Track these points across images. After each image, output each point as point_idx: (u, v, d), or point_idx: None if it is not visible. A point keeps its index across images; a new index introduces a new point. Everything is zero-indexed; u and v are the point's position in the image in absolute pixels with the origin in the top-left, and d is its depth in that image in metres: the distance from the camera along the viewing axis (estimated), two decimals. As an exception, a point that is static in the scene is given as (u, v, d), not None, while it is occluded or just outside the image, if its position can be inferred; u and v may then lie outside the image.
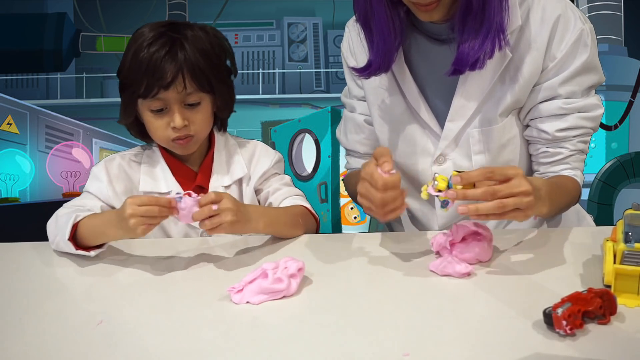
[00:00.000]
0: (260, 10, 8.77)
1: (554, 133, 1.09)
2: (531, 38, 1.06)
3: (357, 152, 1.28)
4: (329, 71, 8.70)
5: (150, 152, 1.19)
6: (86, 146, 6.61)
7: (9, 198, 5.25)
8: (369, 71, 1.10)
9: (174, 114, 1.08)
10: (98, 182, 1.15)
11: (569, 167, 1.12)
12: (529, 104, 1.11)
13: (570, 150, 1.11)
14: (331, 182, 2.72)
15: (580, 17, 1.08)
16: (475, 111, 1.10)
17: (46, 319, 0.81)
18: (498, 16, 0.99)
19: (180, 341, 0.74)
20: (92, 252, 1.00)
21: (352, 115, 1.26)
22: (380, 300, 0.83)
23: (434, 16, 1.00)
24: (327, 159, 2.70)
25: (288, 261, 0.87)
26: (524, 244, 0.99)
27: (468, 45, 1.01)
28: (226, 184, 1.17)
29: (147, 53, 1.05)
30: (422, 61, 1.13)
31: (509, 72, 1.08)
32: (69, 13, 7.98)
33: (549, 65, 1.07)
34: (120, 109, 1.14)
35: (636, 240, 0.76)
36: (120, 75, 1.11)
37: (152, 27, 1.09)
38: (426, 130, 1.15)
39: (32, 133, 5.96)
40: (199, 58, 1.07)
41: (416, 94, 1.12)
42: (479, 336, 0.71)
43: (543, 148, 1.13)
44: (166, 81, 1.05)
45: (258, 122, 5.47)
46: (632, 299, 0.76)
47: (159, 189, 1.15)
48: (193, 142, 1.13)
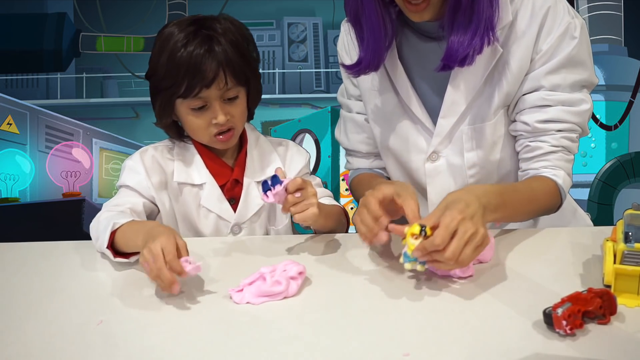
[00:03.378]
0: (260, 10, 8.76)
1: (534, 124, 1.07)
2: (521, 33, 1.06)
3: (360, 152, 1.27)
4: (329, 71, 8.69)
5: (182, 145, 1.17)
6: (86, 146, 6.61)
7: (9, 198, 5.25)
8: (358, 68, 1.10)
9: (217, 111, 1.08)
10: (136, 175, 1.13)
11: (550, 165, 1.07)
12: (516, 97, 1.10)
13: (551, 145, 1.07)
14: (331, 182, 2.72)
15: (570, 11, 1.07)
16: (467, 108, 1.09)
17: (46, 319, 0.81)
18: (487, 12, 0.99)
19: (181, 341, 0.74)
20: (132, 258, 0.98)
21: (351, 115, 1.26)
22: (380, 300, 0.83)
23: (425, 16, 1.01)
24: (327, 159, 2.71)
25: (288, 264, 0.87)
26: (524, 244, 0.99)
27: (457, 42, 1.01)
28: (260, 179, 1.17)
29: (185, 53, 1.04)
30: (414, 58, 1.13)
31: (499, 68, 1.07)
32: (69, 13, 7.98)
33: (535, 57, 1.06)
34: (157, 111, 1.12)
35: (636, 240, 0.76)
36: (154, 78, 1.10)
37: (180, 26, 1.07)
38: (419, 127, 1.15)
39: (32, 133, 5.96)
40: (234, 52, 1.07)
41: (409, 90, 1.12)
42: (479, 336, 0.71)
43: (525, 142, 1.10)
44: (208, 79, 1.04)
45: (258, 122, 5.45)
46: (632, 299, 0.76)
47: (192, 180, 1.14)
48: (234, 136, 1.13)
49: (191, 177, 1.15)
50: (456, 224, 0.82)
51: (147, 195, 1.12)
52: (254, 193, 1.16)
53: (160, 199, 1.13)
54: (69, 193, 5.82)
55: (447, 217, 0.82)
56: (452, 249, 0.80)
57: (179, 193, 1.15)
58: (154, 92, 1.11)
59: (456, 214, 0.82)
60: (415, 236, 0.82)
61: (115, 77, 7.51)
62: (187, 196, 1.15)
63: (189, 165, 1.16)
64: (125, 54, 7.47)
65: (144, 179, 1.12)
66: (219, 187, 1.15)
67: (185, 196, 1.15)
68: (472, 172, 1.12)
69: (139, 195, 1.12)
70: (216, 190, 1.14)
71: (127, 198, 1.11)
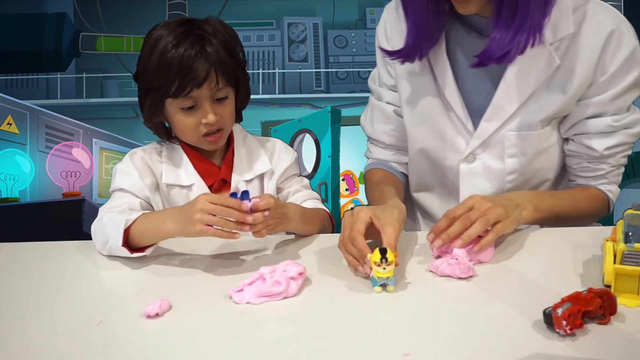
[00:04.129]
0: (260, 10, 8.76)
1: (602, 151, 1.08)
2: (583, 48, 1.04)
3: (382, 142, 1.25)
4: (329, 71, 8.68)
5: (169, 147, 1.18)
6: (86, 146, 6.60)
7: (9, 198, 5.24)
8: (399, 55, 1.08)
9: (206, 111, 1.08)
10: (130, 177, 1.13)
11: (606, 182, 1.12)
12: (575, 117, 1.09)
13: (611, 166, 1.11)
14: (331, 182, 2.72)
15: (633, 33, 1.06)
16: (514, 114, 1.07)
17: (46, 319, 0.81)
18: (534, 11, 0.96)
19: (181, 341, 0.74)
20: (147, 251, 0.99)
21: (380, 105, 1.23)
22: (380, 300, 0.83)
23: (470, 8, 0.99)
24: (327, 159, 2.71)
25: (288, 265, 0.87)
26: (524, 244, 0.99)
27: (498, 38, 0.98)
28: (248, 178, 1.18)
29: (177, 53, 1.04)
30: (463, 55, 1.10)
31: (555, 79, 1.05)
32: (69, 13, 7.97)
33: (598, 79, 1.05)
34: (145, 111, 1.13)
35: (636, 240, 0.76)
36: (143, 78, 1.10)
37: (169, 27, 1.08)
38: (458, 127, 1.12)
39: (32, 133, 5.95)
40: (225, 53, 1.07)
41: (453, 88, 1.10)
42: (479, 336, 0.71)
43: (584, 163, 1.11)
44: (199, 79, 1.05)
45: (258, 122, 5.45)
46: (632, 299, 0.76)
47: (180, 182, 1.15)
48: (222, 137, 1.14)
49: (179, 179, 1.15)
50: (474, 202, 0.91)
51: (142, 196, 1.13)
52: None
53: (154, 199, 1.14)
54: (69, 193, 5.81)
55: (470, 199, 0.92)
56: (471, 213, 0.89)
57: (169, 195, 1.15)
58: (143, 92, 1.11)
59: (486, 201, 0.92)
60: (377, 263, 0.84)
61: (115, 77, 7.50)
62: (177, 197, 1.15)
63: (177, 167, 1.16)
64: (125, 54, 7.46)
65: (137, 181, 1.13)
66: (208, 187, 1.15)
67: (175, 197, 1.15)
68: (511, 178, 1.12)
69: (134, 196, 1.12)
70: (204, 191, 1.14)
71: (123, 199, 1.12)
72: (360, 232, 0.90)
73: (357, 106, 2.73)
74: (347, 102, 2.75)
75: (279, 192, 1.23)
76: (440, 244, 0.91)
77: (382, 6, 2.45)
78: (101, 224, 1.03)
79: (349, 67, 3.10)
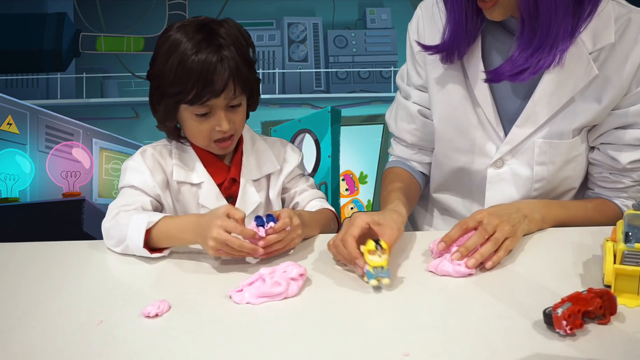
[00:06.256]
0: (260, 10, 8.76)
1: (625, 164, 1.06)
2: (622, 58, 1.01)
3: (404, 141, 1.24)
4: (329, 71, 8.69)
5: (179, 145, 1.18)
6: (86, 146, 6.60)
7: (9, 198, 5.23)
8: (435, 50, 1.07)
9: (221, 118, 1.08)
10: (141, 174, 1.13)
11: (625, 196, 1.11)
12: (604, 127, 1.07)
13: (632, 181, 1.09)
14: (331, 182, 2.72)
15: None
16: (547, 121, 1.05)
17: (46, 319, 0.81)
18: (558, 34, 0.94)
19: (181, 341, 0.74)
20: (165, 251, 1.01)
21: (406, 103, 1.21)
22: (380, 300, 0.83)
23: (495, 15, 0.98)
24: (327, 159, 2.71)
25: (289, 266, 0.87)
26: (524, 244, 0.99)
27: (516, 56, 0.98)
28: (256, 178, 1.18)
29: (197, 61, 1.03)
30: (497, 57, 1.08)
31: (591, 88, 1.03)
32: (69, 13, 7.97)
33: (633, 90, 1.03)
34: (160, 115, 1.12)
35: (636, 240, 0.76)
36: (159, 82, 1.09)
37: (186, 32, 1.06)
38: (489, 131, 1.10)
39: (32, 133, 5.94)
40: (241, 62, 1.07)
41: (486, 92, 1.08)
42: (479, 336, 0.71)
43: (605, 173, 1.10)
44: (218, 89, 1.05)
45: (258, 122, 5.44)
46: (632, 299, 0.76)
47: (190, 180, 1.15)
48: (233, 142, 1.14)
49: (189, 177, 1.15)
50: (482, 217, 0.93)
51: (152, 194, 1.12)
52: (250, 191, 1.17)
53: (164, 197, 1.14)
54: (69, 193, 5.80)
55: (479, 213, 0.94)
56: (484, 227, 0.92)
57: (179, 192, 1.15)
58: (157, 95, 1.11)
59: (494, 218, 0.94)
60: (371, 252, 0.83)
61: (115, 77, 7.48)
62: (187, 195, 1.15)
63: (187, 165, 1.16)
64: (125, 54, 7.44)
65: (149, 178, 1.12)
66: (217, 185, 1.15)
67: (185, 195, 1.15)
68: (538, 186, 1.10)
69: (145, 194, 1.12)
70: (214, 189, 1.15)
71: (134, 197, 1.11)
72: (353, 235, 0.91)
73: (357, 106, 2.73)
74: (347, 102, 2.75)
75: (285, 191, 1.24)
76: (444, 247, 0.94)
77: (382, 6, 2.44)
78: (116, 222, 1.03)
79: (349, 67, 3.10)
